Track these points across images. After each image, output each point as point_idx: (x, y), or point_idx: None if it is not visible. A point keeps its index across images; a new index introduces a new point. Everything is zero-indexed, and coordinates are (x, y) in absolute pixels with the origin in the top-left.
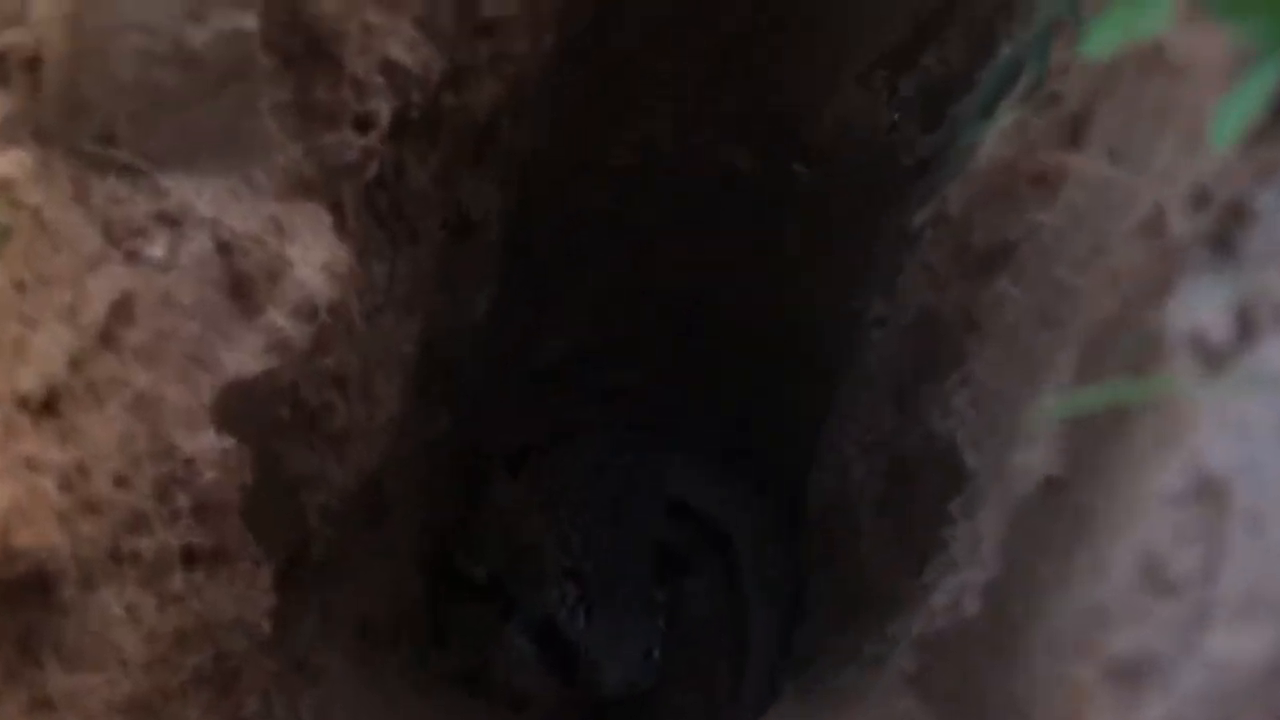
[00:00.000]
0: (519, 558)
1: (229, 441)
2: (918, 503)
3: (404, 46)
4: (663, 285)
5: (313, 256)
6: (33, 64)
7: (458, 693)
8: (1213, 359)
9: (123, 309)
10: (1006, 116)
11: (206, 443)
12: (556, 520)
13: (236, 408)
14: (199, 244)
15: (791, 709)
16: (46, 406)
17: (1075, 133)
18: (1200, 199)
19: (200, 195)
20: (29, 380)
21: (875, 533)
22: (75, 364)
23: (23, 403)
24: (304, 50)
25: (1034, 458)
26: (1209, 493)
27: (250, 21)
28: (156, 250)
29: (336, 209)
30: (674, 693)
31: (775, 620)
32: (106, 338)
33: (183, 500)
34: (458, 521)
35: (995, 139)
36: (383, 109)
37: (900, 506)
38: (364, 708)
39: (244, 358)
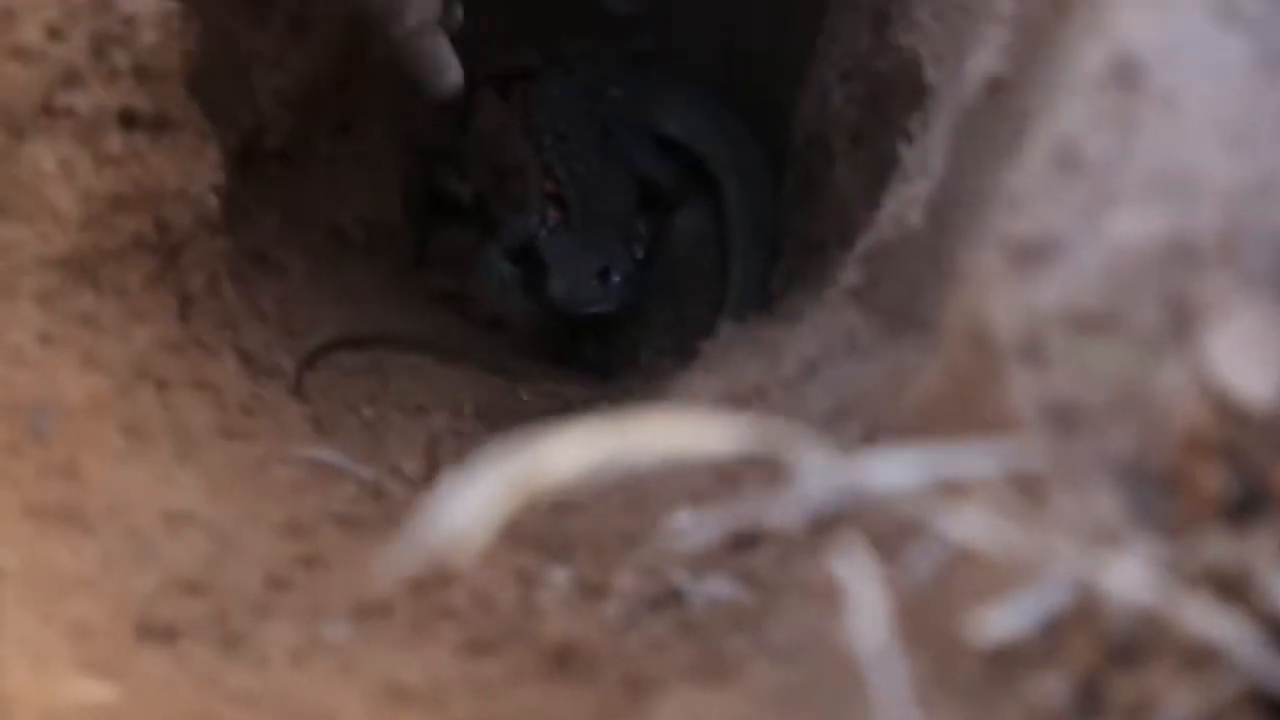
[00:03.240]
0: (503, 180)
1: (171, 3)
2: (889, 126)
3: None
4: None
5: None
6: None
7: (438, 310)
8: None
9: None
10: None
11: (147, 2)
12: (541, 145)
13: None
14: None
15: (742, 329)
16: None
17: None
18: None
19: None
20: None
21: (848, 160)
22: None
23: None
24: None
25: (981, 60)
26: (1126, 74)
27: None
28: None
29: None
30: (650, 324)
31: (757, 258)
32: None
33: (121, 59)
34: (446, 143)
35: None
36: None
37: (873, 134)
38: (327, 311)
39: None
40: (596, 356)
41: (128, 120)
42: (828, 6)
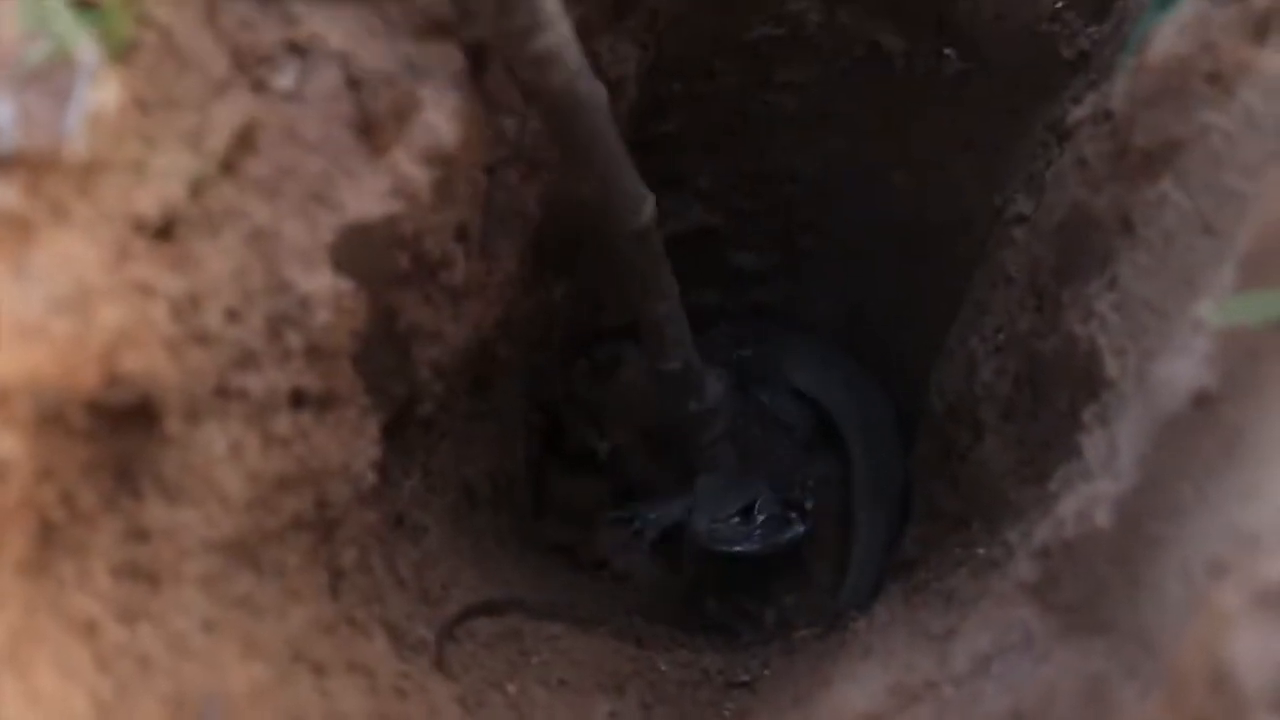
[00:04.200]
0: (644, 436)
1: (345, 284)
2: (1048, 407)
3: None
4: (792, 168)
5: (444, 101)
6: None
7: (556, 563)
8: None
9: (246, 138)
10: (1185, 8)
11: (322, 283)
12: None
13: (355, 250)
14: (328, 77)
15: (898, 608)
16: (162, 232)
17: (1263, 29)
18: None
19: (333, 27)
20: (147, 203)
21: (999, 435)
22: (195, 191)
23: (139, 225)
24: None
25: (1184, 369)
26: None
27: None
28: (284, 80)
29: (471, 53)
30: (772, 583)
31: (882, 518)
32: (228, 166)
33: (294, 340)
34: (579, 395)
35: (1171, 33)
36: None
37: (1028, 410)
38: (461, 572)
39: (366, 199)
40: (719, 614)
41: (296, 400)
42: (968, 274)
